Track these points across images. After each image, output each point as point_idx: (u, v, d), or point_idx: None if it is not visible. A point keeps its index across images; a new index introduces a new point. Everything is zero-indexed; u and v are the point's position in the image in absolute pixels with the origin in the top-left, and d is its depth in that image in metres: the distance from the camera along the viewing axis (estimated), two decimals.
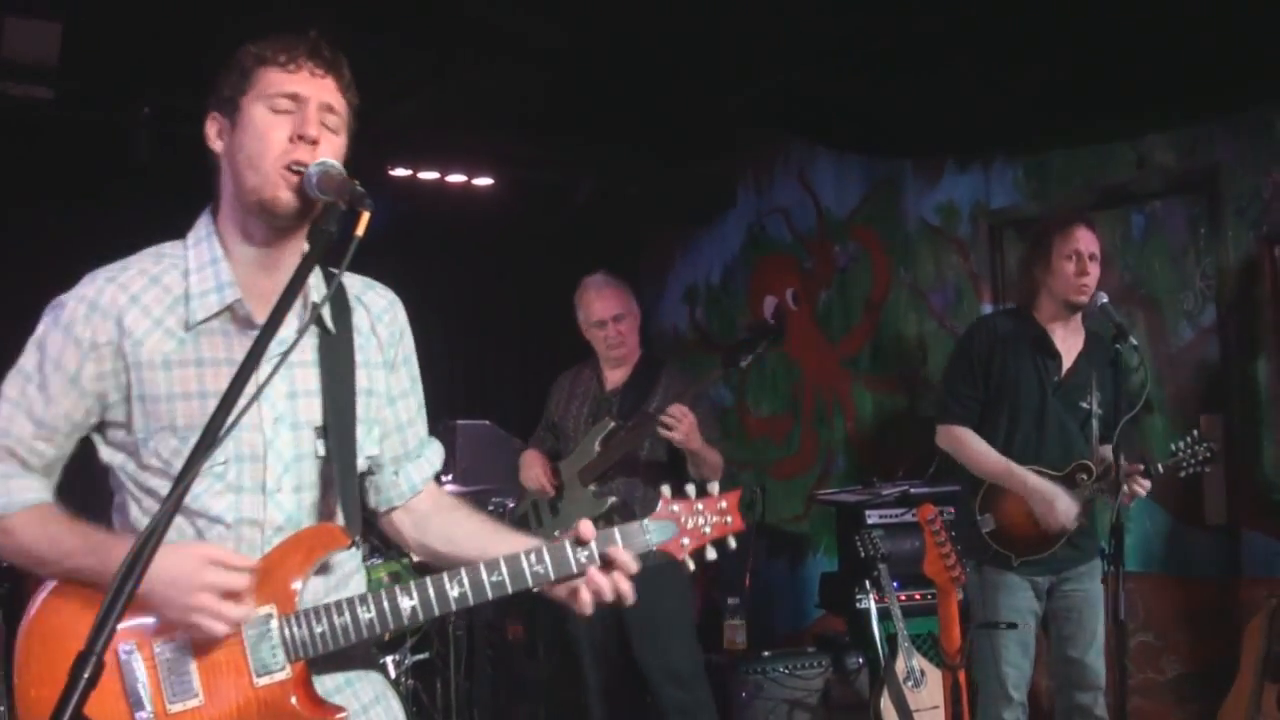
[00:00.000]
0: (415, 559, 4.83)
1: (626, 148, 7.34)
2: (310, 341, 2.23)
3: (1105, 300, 4.28)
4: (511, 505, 6.01)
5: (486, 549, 2.25)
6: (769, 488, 7.34)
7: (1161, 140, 5.46)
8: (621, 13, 5.27)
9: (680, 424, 4.60)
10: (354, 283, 2.38)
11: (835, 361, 7.07)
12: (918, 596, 5.40)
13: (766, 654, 5.77)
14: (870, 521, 5.64)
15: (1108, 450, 4.21)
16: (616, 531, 2.27)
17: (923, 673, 4.94)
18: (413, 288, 2.52)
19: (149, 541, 1.63)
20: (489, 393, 7.58)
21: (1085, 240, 4.37)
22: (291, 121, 2.13)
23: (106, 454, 2.21)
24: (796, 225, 7.38)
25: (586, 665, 5.15)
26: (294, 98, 2.14)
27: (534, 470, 5.13)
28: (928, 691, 4.90)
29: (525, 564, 2.19)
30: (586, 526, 2.23)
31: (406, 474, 2.46)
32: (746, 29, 5.41)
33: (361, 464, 2.33)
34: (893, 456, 6.49)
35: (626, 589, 2.24)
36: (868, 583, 5.28)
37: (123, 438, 2.17)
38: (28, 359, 2.18)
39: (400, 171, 7.07)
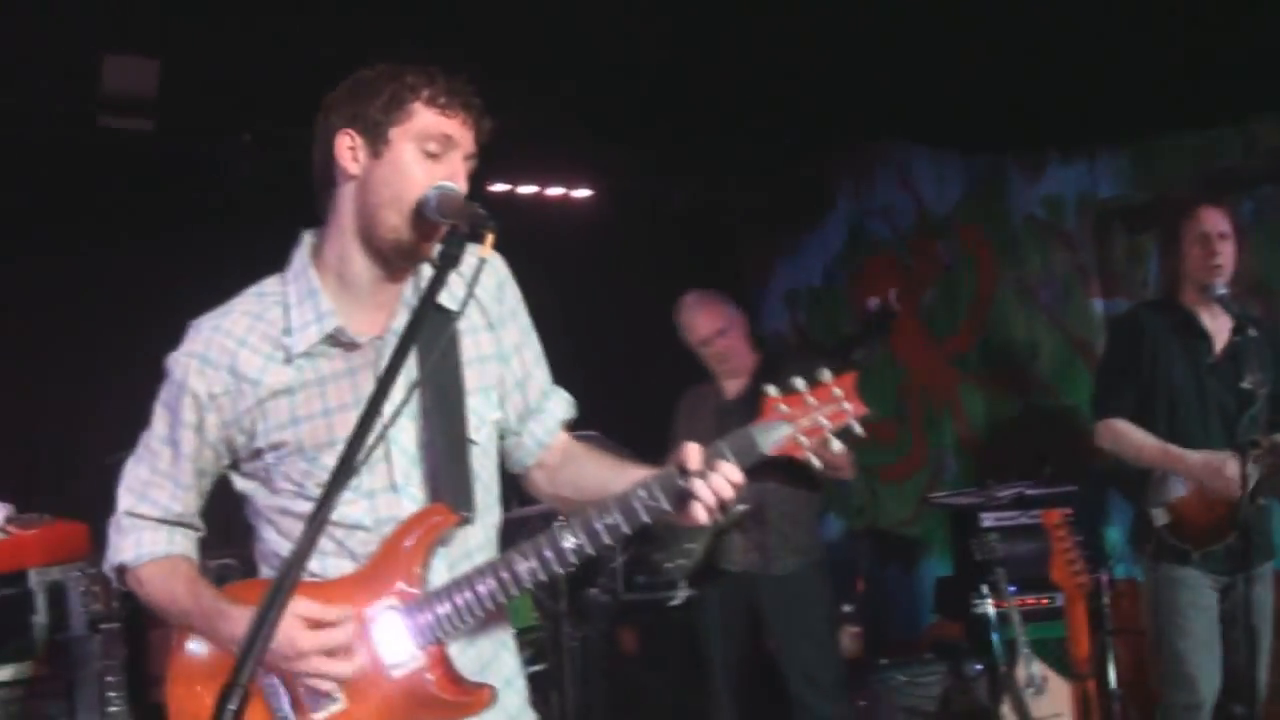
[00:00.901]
0: None
1: (724, 154, 7.31)
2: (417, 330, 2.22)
3: (1223, 291, 4.16)
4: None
5: (609, 489, 2.21)
6: (878, 492, 7.25)
7: (1270, 122, 5.29)
8: (716, 20, 5.25)
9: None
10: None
11: (942, 362, 6.95)
12: (1032, 601, 5.28)
13: (883, 661, 5.69)
14: (985, 524, 5.54)
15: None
16: (724, 444, 2.18)
17: (1044, 679, 4.82)
18: None
19: (291, 569, 1.67)
20: (595, 404, 7.56)
21: (1211, 220, 4.26)
22: (440, 168, 2.14)
23: (240, 484, 2.28)
24: (898, 224, 7.29)
25: (718, 678, 5.10)
26: (445, 143, 2.14)
27: None
28: (1049, 699, 4.78)
29: (637, 501, 2.14)
30: (692, 452, 2.14)
31: (530, 431, 2.44)
32: (841, 30, 5.36)
33: (485, 434, 2.31)
34: (1005, 457, 6.36)
35: (731, 496, 2.16)
36: (985, 587, 5.18)
37: (253, 468, 2.23)
38: (158, 423, 2.26)
39: (498, 186, 7.10)
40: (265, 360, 2.19)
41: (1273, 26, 4.74)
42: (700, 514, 2.13)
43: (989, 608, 5.15)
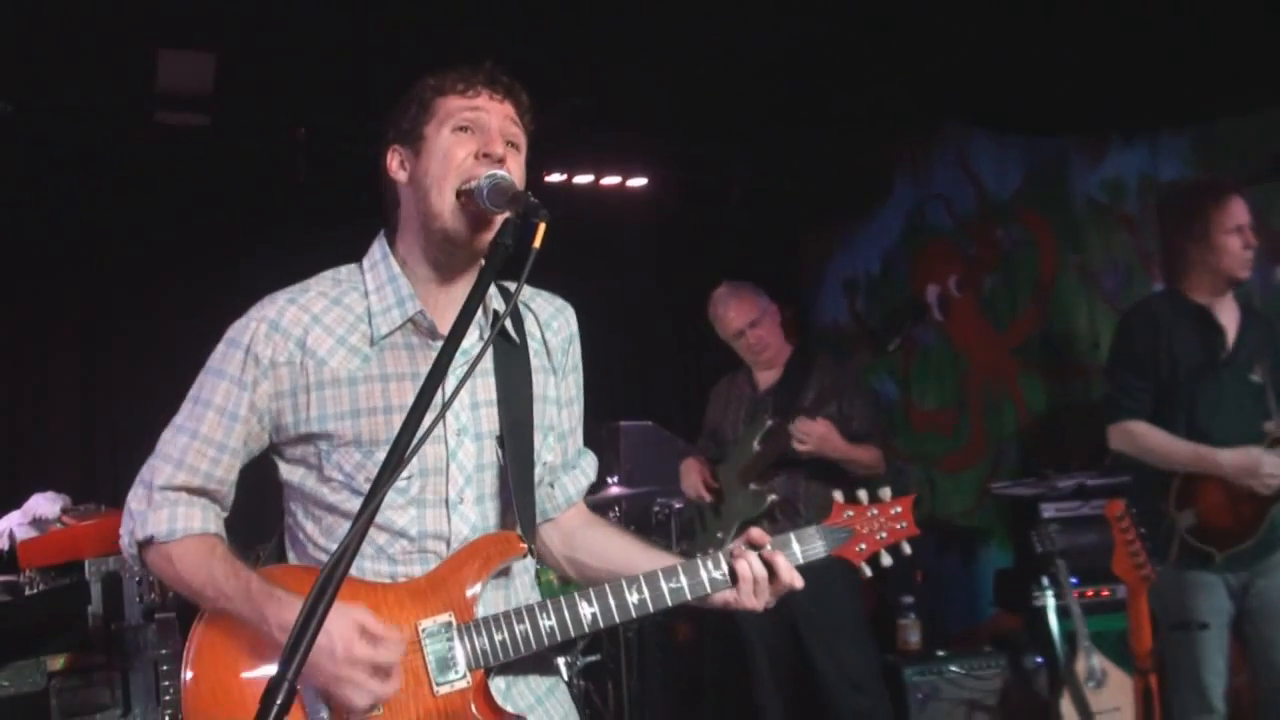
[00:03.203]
0: None
1: (780, 141, 7.26)
2: (489, 350, 2.25)
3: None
4: (679, 507, 6.01)
5: (636, 564, 2.27)
6: (937, 482, 7.17)
7: None
8: (772, 7, 5.21)
9: (809, 439, 4.61)
10: (523, 290, 2.36)
11: (1003, 350, 6.86)
12: (1094, 593, 5.20)
13: (941, 654, 5.63)
14: (1046, 515, 5.45)
15: None
16: (793, 536, 2.30)
17: (1104, 673, 4.75)
18: (570, 292, 2.53)
19: (341, 562, 1.62)
20: (650, 393, 7.58)
21: (1243, 211, 4.15)
22: (475, 140, 2.16)
23: (285, 471, 2.25)
24: (957, 210, 7.20)
25: (761, 668, 5.13)
26: (475, 119, 2.18)
27: (691, 477, 5.16)
28: (1109, 693, 4.71)
29: (703, 569, 2.23)
30: (758, 532, 2.27)
31: (562, 486, 2.47)
32: (898, 13, 5.30)
33: (539, 472, 2.34)
34: (1066, 447, 6.27)
35: (786, 584, 2.25)
36: (1045, 579, 5.11)
37: (302, 453, 2.20)
38: (203, 390, 2.21)
39: (555, 177, 7.11)
40: (336, 343, 2.19)
41: None
42: (750, 598, 2.24)
43: (1049, 600, 5.08)
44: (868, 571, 2.36)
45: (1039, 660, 5.45)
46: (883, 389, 7.47)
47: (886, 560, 2.37)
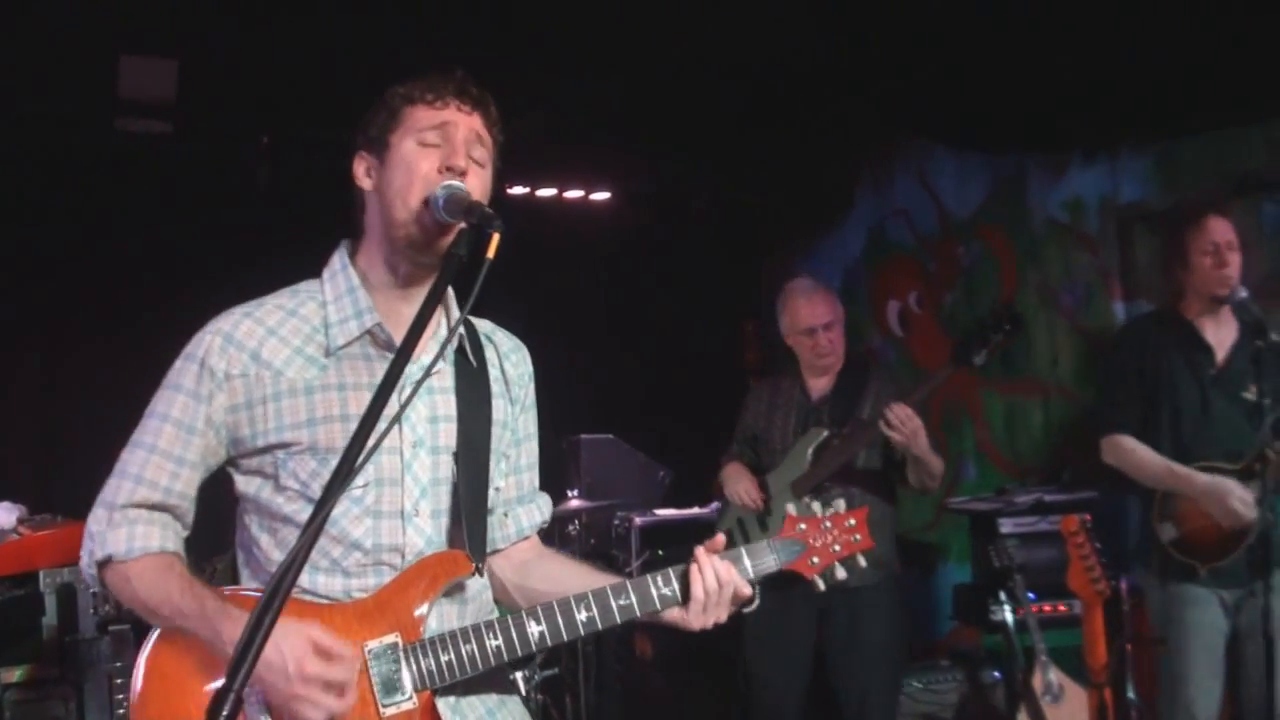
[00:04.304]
0: None
1: (743, 156, 7.29)
2: (449, 369, 2.27)
3: (1244, 295, 4.12)
4: (640, 522, 5.96)
5: (591, 585, 2.25)
6: (897, 496, 7.19)
7: None
8: (736, 21, 5.23)
9: (905, 425, 4.38)
10: (482, 324, 2.43)
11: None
12: (1052, 608, 5.24)
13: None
14: (1004, 530, 5.49)
15: None
16: (744, 551, 2.30)
17: (1061, 687, 4.78)
18: (532, 304, 2.54)
19: (290, 570, 1.62)
20: (612, 407, 7.57)
21: (1219, 230, 4.21)
22: (439, 154, 2.17)
23: (241, 483, 2.24)
24: (918, 226, 7.25)
25: (766, 689, 4.88)
26: (441, 131, 2.18)
27: (742, 484, 4.87)
28: (1066, 707, 4.74)
29: (653, 586, 2.23)
30: (714, 546, 2.27)
31: (516, 517, 2.47)
32: (862, 30, 5.33)
33: (492, 496, 2.34)
34: (1025, 463, 6.31)
35: (726, 578, 2.25)
36: (1003, 594, 5.14)
37: (259, 463, 2.19)
38: (160, 404, 2.20)
39: (518, 189, 7.11)
40: (293, 353, 2.19)
41: None
42: (700, 617, 2.24)
43: (1007, 614, 5.11)
44: (820, 585, 2.35)
45: (996, 674, 5.48)
46: None
47: (841, 574, 2.37)
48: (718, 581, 2.23)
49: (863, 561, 2.36)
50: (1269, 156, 5.34)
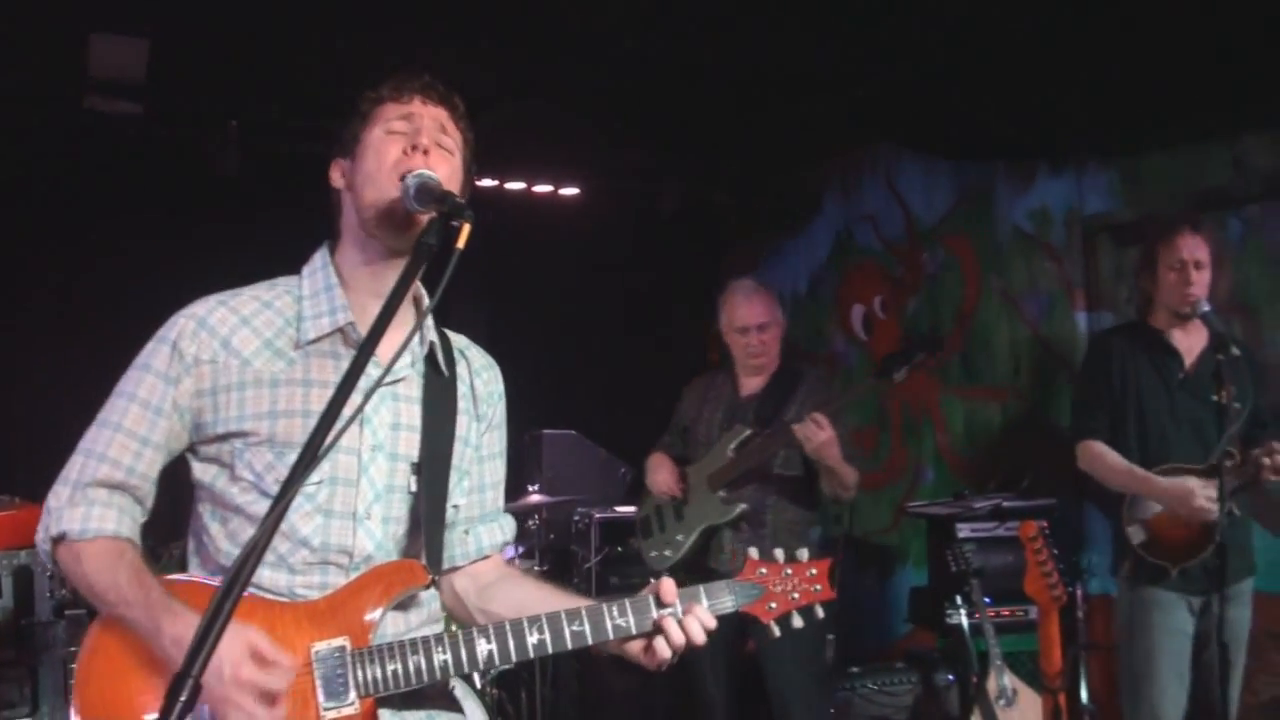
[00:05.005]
0: None
1: (712, 155, 7.30)
2: (418, 380, 2.28)
3: (1208, 309, 4.17)
4: (599, 517, 5.97)
5: (552, 609, 2.22)
6: (857, 499, 7.22)
7: (1259, 142, 5.30)
8: (707, 22, 5.23)
9: (814, 436, 4.44)
10: (457, 339, 2.44)
11: (924, 371, 6.92)
12: (1009, 613, 5.28)
13: (855, 669, 5.68)
14: (962, 535, 5.53)
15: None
16: (702, 590, 2.26)
17: (1014, 692, 4.82)
18: (498, 297, 2.53)
19: (249, 559, 1.61)
20: (575, 403, 7.57)
21: (1189, 247, 4.28)
22: (405, 138, 2.21)
23: (198, 470, 2.23)
24: (884, 232, 7.28)
25: (709, 685, 4.96)
26: (407, 119, 2.23)
27: (661, 473, 5.00)
28: (1019, 711, 4.78)
29: (607, 616, 2.19)
30: (668, 586, 2.22)
31: (477, 535, 2.46)
32: (832, 34, 5.35)
33: (450, 513, 2.34)
34: (984, 469, 6.36)
35: (701, 641, 2.22)
36: (959, 598, 5.18)
37: (216, 451, 2.18)
38: (128, 384, 2.20)
39: (487, 182, 7.09)
40: (262, 345, 2.19)
41: (1262, 47, 4.74)
42: (664, 651, 2.20)
43: (963, 618, 5.15)
44: (776, 631, 2.32)
45: (950, 678, 5.52)
46: None
47: (797, 622, 2.32)
48: (688, 639, 2.20)
49: (820, 612, 2.33)
50: (1234, 173, 5.40)
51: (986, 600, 5.02)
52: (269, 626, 2.04)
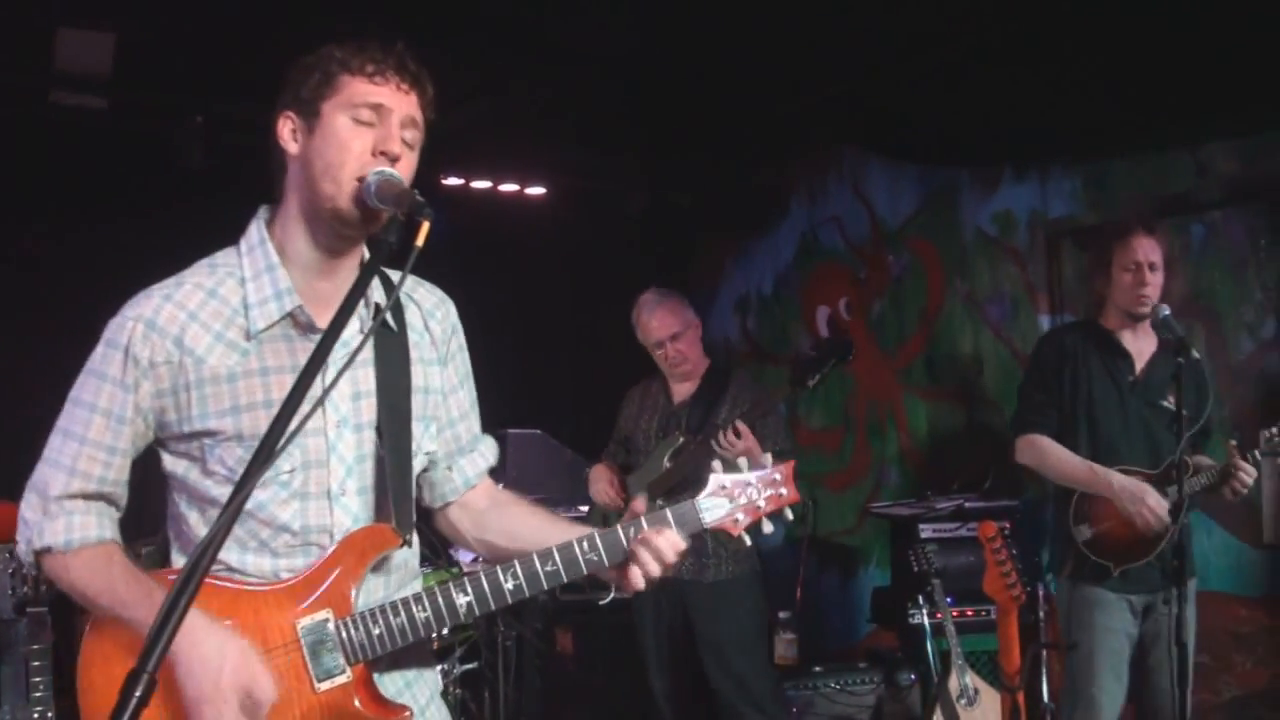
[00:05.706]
0: (465, 570, 4.82)
1: (679, 156, 7.31)
2: (368, 341, 2.22)
3: (1167, 313, 4.20)
4: (572, 516, 5.97)
5: (549, 541, 2.24)
6: (820, 500, 7.27)
7: (1222, 149, 5.36)
8: (674, 22, 5.24)
9: (733, 446, 4.51)
10: (407, 283, 2.37)
11: (889, 373, 6.98)
12: (971, 613, 5.32)
13: (818, 669, 5.71)
14: (924, 536, 5.58)
15: (1203, 459, 4.18)
16: (669, 512, 2.28)
17: (976, 691, 4.87)
18: (464, 297, 2.52)
19: (207, 552, 1.60)
20: (540, 403, 7.56)
21: (1144, 249, 4.31)
22: (374, 135, 2.12)
23: (169, 463, 2.22)
24: (850, 235, 7.31)
25: (653, 677, 5.08)
26: (378, 110, 2.14)
27: (601, 484, 5.12)
28: (980, 710, 4.83)
29: (578, 551, 2.21)
30: (639, 508, 2.27)
31: (460, 469, 2.46)
32: (800, 37, 5.37)
33: (420, 462, 2.34)
34: (947, 470, 6.40)
35: (672, 562, 2.24)
36: (921, 598, 5.22)
37: (186, 448, 2.18)
38: (85, 393, 2.17)
39: (453, 180, 7.07)
40: (214, 339, 2.16)
41: (1226, 54, 4.80)
42: (637, 579, 2.22)
43: (924, 618, 5.19)
44: (748, 541, 2.32)
45: (912, 677, 5.56)
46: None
47: (768, 528, 2.33)
48: (658, 556, 2.21)
49: (790, 514, 2.33)
50: (1197, 178, 5.46)
51: (948, 600, 5.06)
52: (253, 611, 2.08)
